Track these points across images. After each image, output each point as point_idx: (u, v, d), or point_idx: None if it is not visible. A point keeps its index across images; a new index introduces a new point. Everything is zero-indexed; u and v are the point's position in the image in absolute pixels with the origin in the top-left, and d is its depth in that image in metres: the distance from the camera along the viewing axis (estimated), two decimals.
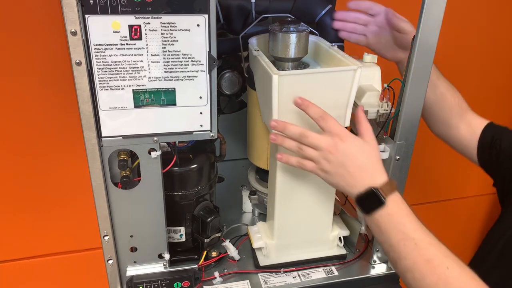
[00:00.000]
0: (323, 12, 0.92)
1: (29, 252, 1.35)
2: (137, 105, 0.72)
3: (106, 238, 0.80)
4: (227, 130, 1.04)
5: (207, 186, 0.90)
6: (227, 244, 0.93)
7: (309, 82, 0.75)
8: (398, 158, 0.82)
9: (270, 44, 0.84)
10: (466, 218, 1.85)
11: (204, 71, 0.72)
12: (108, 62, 0.68)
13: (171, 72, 0.71)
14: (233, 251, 0.93)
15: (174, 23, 0.68)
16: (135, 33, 0.67)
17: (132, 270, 0.84)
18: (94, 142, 0.71)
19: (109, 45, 0.67)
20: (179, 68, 0.71)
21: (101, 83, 0.69)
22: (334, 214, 0.92)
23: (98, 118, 0.71)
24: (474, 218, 1.87)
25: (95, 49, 0.66)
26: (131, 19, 0.66)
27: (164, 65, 0.70)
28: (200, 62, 0.71)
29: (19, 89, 1.14)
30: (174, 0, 0.66)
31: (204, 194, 0.90)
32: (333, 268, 0.92)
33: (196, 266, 0.87)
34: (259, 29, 0.91)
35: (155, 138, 0.75)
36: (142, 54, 0.69)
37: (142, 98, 0.72)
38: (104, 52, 0.67)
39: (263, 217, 1.06)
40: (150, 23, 0.67)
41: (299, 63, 0.88)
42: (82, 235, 1.35)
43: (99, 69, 0.68)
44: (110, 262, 0.82)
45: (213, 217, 0.88)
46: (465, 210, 1.82)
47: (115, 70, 0.69)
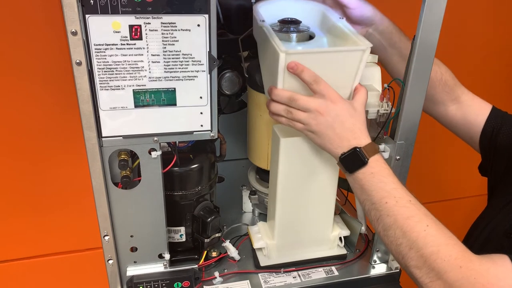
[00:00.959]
0: None
1: (29, 252, 1.35)
2: (137, 105, 0.72)
3: (106, 238, 0.80)
4: (227, 130, 1.03)
5: (207, 186, 0.90)
6: (227, 244, 0.93)
7: (316, 60, 0.73)
8: (398, 158, 0.82)
9: None
10: (466, 218, 1.84)
11: (204, 71, 0.72)
12: (108, 62, 0.68)
13: (172, 72, 0.71)
14: (233, 251, 0.93)
15: (175, 23, 0.68)
16: (136, 33, 0.67)
17: (132, 270, 0.84)
18: (94, 142, 0.71)
19: (109, 45, 0.67)
20: (180, 68, 0.71)
21: (101, 83, 0.69)
22: (335, 214, 0.92)
23: (98, 118, 0.71)
24: (474, 218, 1.86)
25: (96, 49, 0.66)
26: (132, 19, 0.66)
27: (164, 65, 0.70)
28: (200, 62, 0.71)
29: (19, 89, 1.14)
30: (174, 0, 0.66)
31: (204, 194, 0.90)
32: (333, 268, 0.93)
33: (196, 266, 0.87)
34: None
35: (155, 138, 0.75)
36: (142, 54, 0.69)
37: (142, 98, 0.72)
38: (104, 52, 0.67)
39: (263, 217, 1.06)
40: (150, 23, 0.67)
41: (304, 34, 0.84)
42: (82, 235, 1.35)
43: (100, 69, 0.68)
44: (110, 262, 0.82)
45: (213, 217, 0.88)
46: (465, 210, 1.82)
47: (116, 70, 0.69)
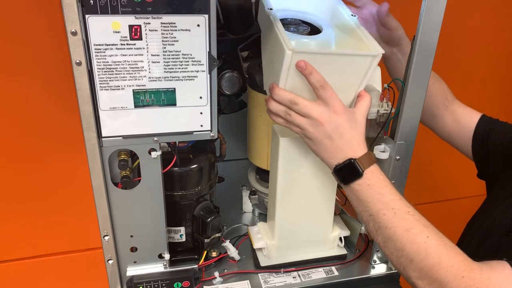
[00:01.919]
0: None
1: (29, 252, 1.35)
2: (137, 105, 0.72)
3: (106, 238, 0.80)
4: (227, 130, 1.03)
5: (207, 186, 0.90)
6: (227, 244, 0.93)
7: (323, 61, 0.70)
8: (398, 158, 0.82)
9: None
10: (466, 218, 1.85)
11: (204, 71, 0.72)
12: (108, 62, 0.68)
13: (171, 72, 0.71)
14: (233, 251, 0.93)
15: (174, 23, 0.67)
16: (135, 33, 0.67)
17: (132, 270, 0.84)
18: (94, 142, 0.71)
19: (109, 45, 0.67)
20: (179, 68, 0.71)
21: (101, 83, 0.69)
22: (335, 214, 0.92)
23: (98, 118, 0.71)
24: None
25: (95, 49, 0.66)
26: (131, 19, 0.66)
27: (164, 65, 0.70)
28: (200, 62, 0.71)
29: (19, 89, 1.14)
30: (174, 0, 0.66)
31: (204, 194, 0.90)
32: (333, 268, 0.93)
33: (196, 266, 0.87)
34: (259, 30, 0.91)
35: (155, 138, 0.75)
36: (142, 54, 0.69)
37: (142, 98, 0.72)
38: (104, 52, 0.67)
39: (263, 217, 1.06)
40: (150, 23, 0.67)
41: (311, 26, 0.81)
42: (82, 235, 1.35)
43: (99, 69, 0.68)
44: (110, 262, 0.82)
45: (213, 217, 0.88)
46: (465, 210, 1.82)
47: (115, 70, 0.69)
